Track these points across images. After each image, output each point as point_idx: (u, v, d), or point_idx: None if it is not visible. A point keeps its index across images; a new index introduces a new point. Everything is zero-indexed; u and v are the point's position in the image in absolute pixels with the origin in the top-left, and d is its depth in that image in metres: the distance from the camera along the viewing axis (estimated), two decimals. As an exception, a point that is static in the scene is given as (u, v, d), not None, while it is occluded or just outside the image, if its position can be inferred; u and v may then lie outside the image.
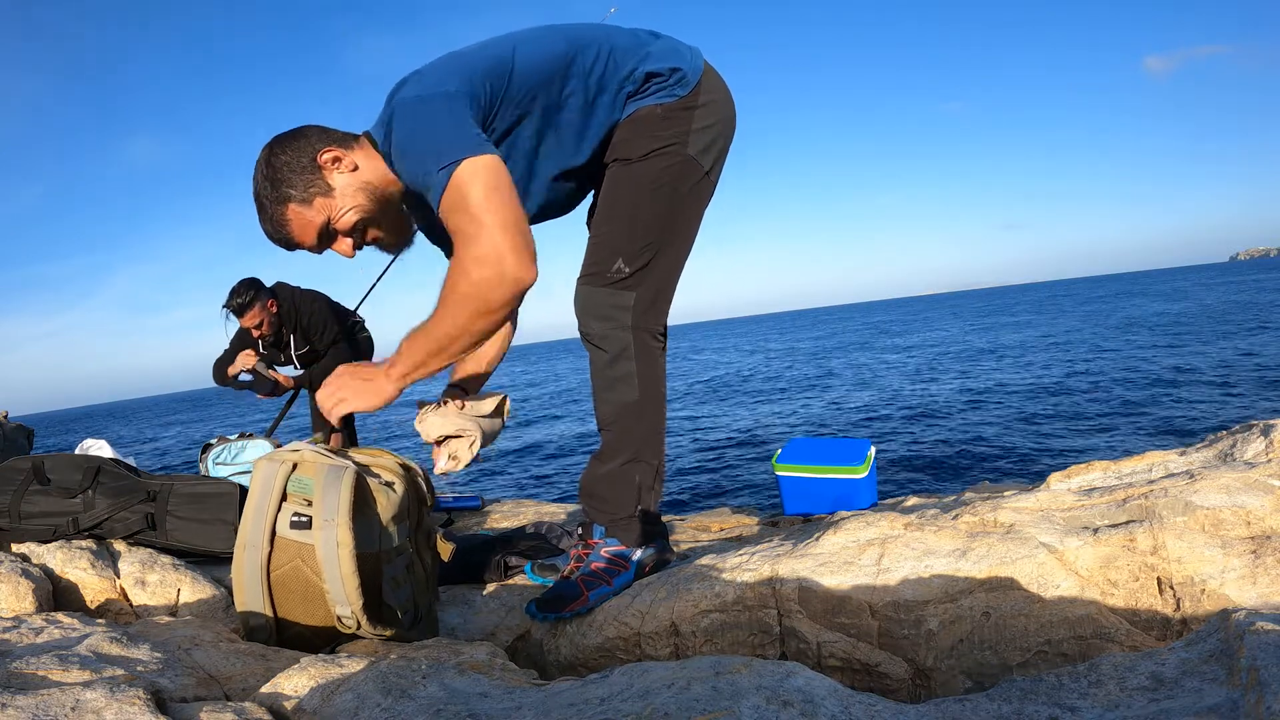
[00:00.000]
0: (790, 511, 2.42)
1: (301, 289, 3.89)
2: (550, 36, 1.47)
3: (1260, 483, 1.20)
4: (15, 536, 1.71)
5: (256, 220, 1.49)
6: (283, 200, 1.41)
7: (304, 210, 1.43)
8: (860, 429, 11.51)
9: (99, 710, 0.80)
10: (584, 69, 1.46)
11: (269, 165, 1.42)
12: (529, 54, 1.43)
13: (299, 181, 1.41)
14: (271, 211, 1.43)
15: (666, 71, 1.49)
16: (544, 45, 1.45)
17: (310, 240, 1.46)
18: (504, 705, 0.86)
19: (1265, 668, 0.65)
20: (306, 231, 1.44)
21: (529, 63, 1.42)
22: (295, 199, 1.42)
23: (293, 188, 1.41)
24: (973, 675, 1.12)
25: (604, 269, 1.50)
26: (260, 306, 3.69)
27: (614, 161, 1.52)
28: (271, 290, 3.77)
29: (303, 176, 1.41)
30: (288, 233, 1.44)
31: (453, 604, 1.74)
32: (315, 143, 1.43)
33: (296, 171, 1.41)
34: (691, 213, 1.56)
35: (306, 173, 1.42)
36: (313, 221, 1.44)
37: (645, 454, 1.57)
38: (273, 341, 3.87)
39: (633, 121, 1.50)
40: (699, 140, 1.52)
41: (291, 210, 1.42)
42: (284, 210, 1.42)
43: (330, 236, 1.46)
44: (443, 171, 1.26)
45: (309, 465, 1.30)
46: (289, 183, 1.41)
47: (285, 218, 1.43)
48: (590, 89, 1.46)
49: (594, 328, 1.53)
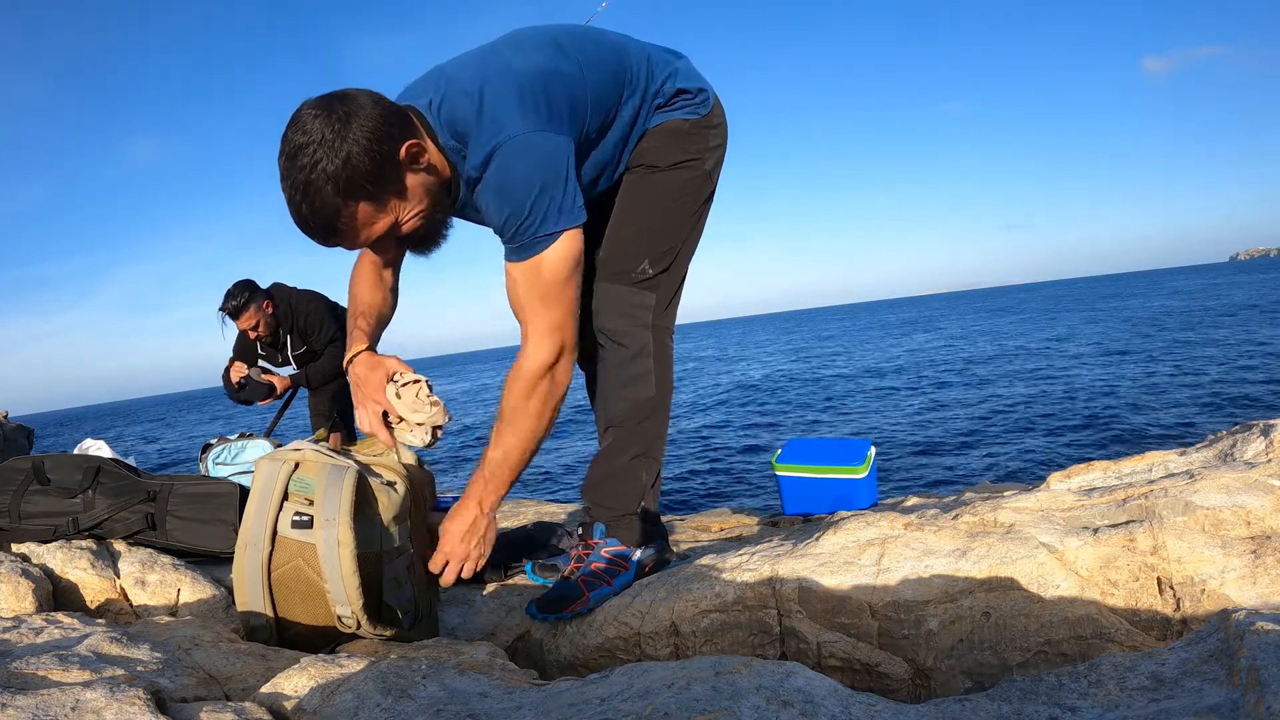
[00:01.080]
0: (790, 511, 2.42)
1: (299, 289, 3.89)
2: (603, 52, 1.45)
3: (1260, 483, 1.20)
4: (15, 536, 1.71)
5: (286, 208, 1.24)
6: (354, 195, 1.22)
7: (375, 211, 1.26)
8: (861, 429, 11.51)
9: (99, 710, 0.80)
10: (633, 84, 1.48)
11: (344, 144, 1.18)
12: (598, 82, 1.40)
13: (380, 177, 1.23)
14: (334, 203, 1.21)
15: (694, 90, 1.55)
16: (605, 67, 1.43)
17: (365, 241, 1.31)
18: (504, 705, 0.86)
19: (1265, 668, 0.65)
20: (367, 232, 1.28)
21: (599, 91, 1.41)
22: (370, 196, 1.23)
23: (371, 182, 1.22)
24: (973, 675, 1.12)
25: (630, 269, 1.53)
26: (255, 308, 3.69)
27: (639, 167, 1.55)
28: (268, 291, 3.77)
29: (384, 170, 1.23)
30: (343, 229, 1.25)
31: (453, 604, 1.74)
32: (396, 128, 1.24)
33: (379, 164, 1.22)
34: (701, 224, 1.64)
35: (388, 166, 1.23)
36: (379, 224, 1.28)
37: (653, 451, 1.60)
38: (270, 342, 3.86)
39: (661, 132, 1.54)
40: (711, 158, 1.60)
41: (362, 209, 1.24)
42: (354, 207, 1.23)
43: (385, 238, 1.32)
44: (542, 240, 1.30)
45: (311, 465, 1.30)
46: (370, 176, 1.21)
47: (350, 214, 1.23)
48: (635, 101, 1.49)
49: (616, 324, 1.55)
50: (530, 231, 1.30)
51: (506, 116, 1.28)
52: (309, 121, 1.20)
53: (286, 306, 3.80)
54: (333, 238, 1.27)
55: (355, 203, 1.23)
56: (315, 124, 1.19)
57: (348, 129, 1.19)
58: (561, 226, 1.31)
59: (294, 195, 1.21)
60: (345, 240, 1.29)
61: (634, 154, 1.56)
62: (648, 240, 1.54)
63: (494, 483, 1.41)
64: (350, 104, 1.22)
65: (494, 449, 1.41)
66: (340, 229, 1.25)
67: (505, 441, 1.40)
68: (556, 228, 1.31)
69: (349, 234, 1.27)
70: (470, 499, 1.42)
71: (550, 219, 1.30)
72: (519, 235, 1.31)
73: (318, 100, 1.23)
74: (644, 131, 1.55)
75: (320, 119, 1.19)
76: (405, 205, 1.30)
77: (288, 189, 1.22)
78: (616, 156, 1.53)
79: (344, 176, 1.19)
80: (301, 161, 1.19)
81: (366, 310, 1.57)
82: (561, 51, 1.39)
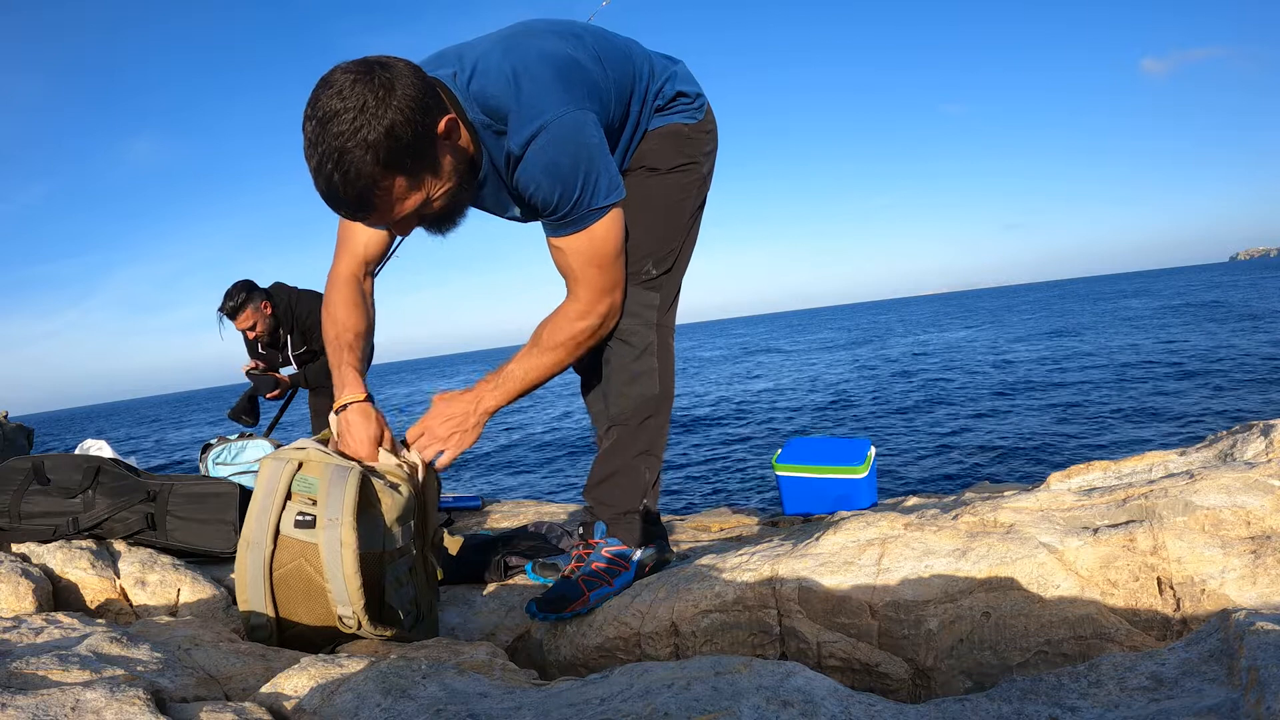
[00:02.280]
0: (790, 511, 2.42)
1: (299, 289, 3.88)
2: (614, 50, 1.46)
3: (1260, 483, 1.20)
4: (15, 536, 1.71)
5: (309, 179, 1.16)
6: (393, 168, 1.16)
7: (409, 184, 1.21)
8: (860, 429, 11.51)
9: (99, 710, 0.80)
10: (639, 83, 1.50)
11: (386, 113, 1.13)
12: (616, 75, 1.43)
13: (421, 151, 1.19)
14: (372, 173, 1.15)
15: (692, 95, 1.58)
16: (618, 62, 1.45)
17: (395, 217, 1.25)
18: (504, 705, 0.86)
19: (1265, 668, 0.65)
20: (398, 208, 1.23)
21: (618, 84, 1.43)
22: (407, 171, 1.19)
23: (411, 156, 1.17)
24: (973, 675, 1.12)
25: (636, 269, 1.55)
26: (253, 309, 3.69)
27: (640, 169, 1.57)
28: (266, 292, 3.77)
29: (423, 144, 1.19)
30: (378, 204, 1.20)
31: (453, 604, 1.74)
32: (435, 101, 1.20)
33: (420, 137, 1.17)
34: (697, 226, 1.66)
35: (427, 142, 1.19)
36: (412, 201, 1.24)
37: (655, 448, 1.61)
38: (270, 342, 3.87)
39: (662, 134, 1.56)
40: (706, 163, 1.63)
41: (399, 183, 1.19)
42: (390, 181, 1.18)
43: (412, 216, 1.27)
44: (593, 214, 1.36)
45: (314, 464, 1.30)
46: (410, 149, 1.17)
47: (388, 188, 1.18)
48: (640, 101, 1.51)
49: (623, 323, 1.56)
50: (584, 206, 1.35)
51: (548, 97, 1.27)
52: (346, 86, 1.12)
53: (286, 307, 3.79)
54: (363, 211, 1.21)
55: (394, 175, 1.17)
56: (355, 89, 1.12)
57: (391, 96, 1.13)
58: (612, 200, 1.37)
59: (324, 164, 1.14)
60: (377, 214, 1.23)
61: (635, 155, 1.57)
62: (652, 241, 1.56)
63: (501, 390, 1.46)
64: (392, 71, 1.16)
65: (516, 365, 1.46)
66: (375, 202, 1.19)
67: (530, 363, 1.45)
68: (607, 201, 1.36)
69: (383, 208, 1.21)
70: (472, 393, 1.45)
71: (601, 194, 1.35)
72: (574, 211, 1.35)
73: (354, 64, 1.16)
74: (645, 133, 1.56)
75: (361, 84, 1.13)
76: (437, 182, 1.26)
77: (317, 156, 1.14)
78: (622, 155, 1.54)
79: (385, 146, 1.13)
80: (338, 128, 1.11)
81: (352, 340, 1.49)
82: (580, 42, 1.41)
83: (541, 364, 1.46)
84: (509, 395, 1.46)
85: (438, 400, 1.48)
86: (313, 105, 1.14)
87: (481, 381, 1.47)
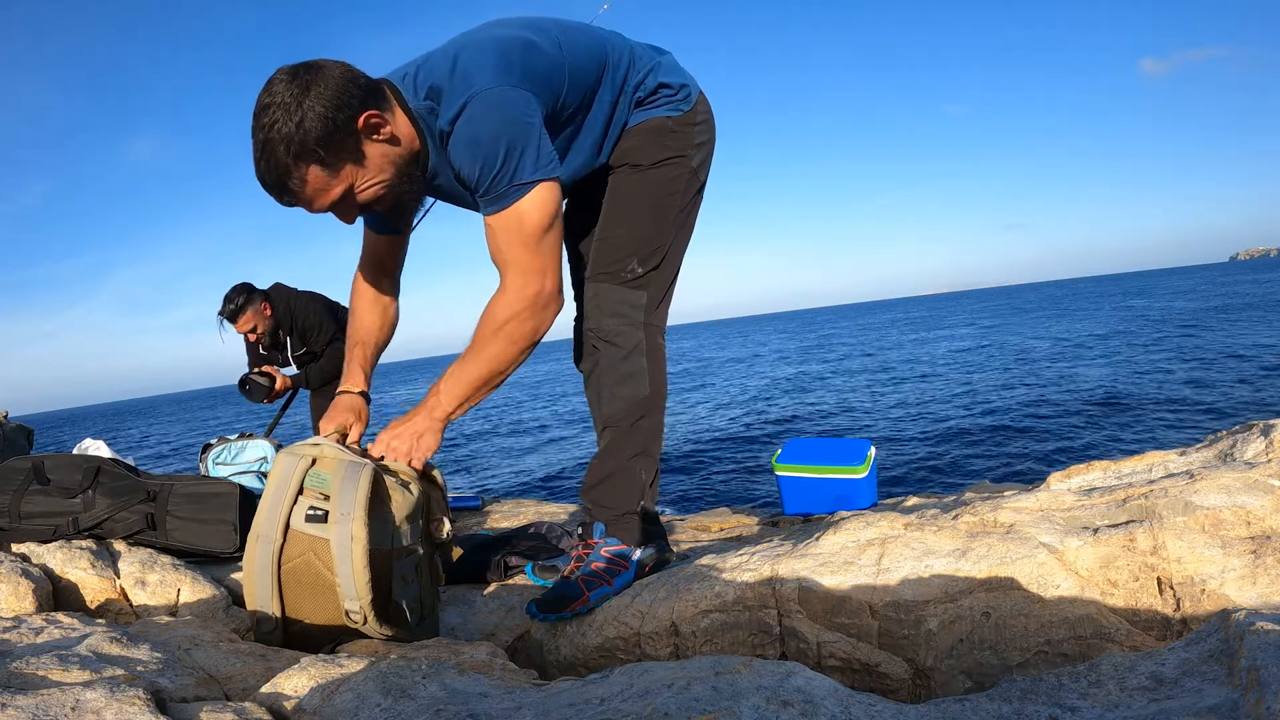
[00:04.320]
0: (790, 511, 2.42)
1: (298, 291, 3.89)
2: (583, 37, 1.47)
3: (1260, 483, 1.20)
4: (15, 536, 1.71)
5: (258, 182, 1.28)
6: (307, 158, 1.25)
7: (327, 175, 1.28)
8: (861, 429, 11.51)
9: (99, 710, 0.80)
10: (613, 72, 1.48)
11: (299, 109, 1.22)
12: (575, 60, 1.42)
13: (333, 143, 1.25)
14: (285, 163, 1.24)
15: (676, 86, 1.55)
16: (584, 48, 1.45)
17: (320, 206, 1.32)
18: (504, 705, 0.86)
19: (1265, 668, 0.65)
20: (320, 197, 1.30)
21: (576, 68, 1.42)
22: (322, 161, 1.26)
23: (324, 148, 1.25)
24: (973, 675, 1.12)
25: (620, 269, 1.54)
26: (253, 311, 3.69)
27: (624, 165, 1.56)
28: (265, 293, 3.77)
29: (338, 137, 1.25)
30: (296, 190, 1.28)
31: (453, 604, 1.74)
32: (357, 98, 1.27)
33: (333, 130, 1.24)
34: (691, 221, 1.64)
35: (343, 134, 1.26)
36: (332, 189, 1.30)
37: (651, 449, 1.61)
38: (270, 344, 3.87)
39: (644, 129, 1.54)
40: (697, 155, 1.60)
41: (313, 172, 1.26)
42: (304, 169, 1.26)
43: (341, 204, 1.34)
44: (517, 189, 1.32)
45: (328, 460, 1.32)
46: (321, 141, 1.24)
47: (302, 177, 1.26)
48: (614, 91, 1.50)
49: (608, 324, 1.56)
50: (505, 180, 1.32)
51: (479, 72, 1.31)
52: (276, 85, 1.25)
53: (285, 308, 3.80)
54: (286, 196, 1.30)
55: (306, 165, 1.26)
56: (279, 87, 1.24)
57: (306, 94, 1.23)
58: (538, 177, 1.33)
59: (255, 152, 1.26)
60: (300, 202, 1.31)
61: (617, 153, 1.56)
62: (636, 239, 1.55)
63: (448, 395, 1.44)
64: (315, 72, 1.26)
65: (456, 367, 1.44)
66: (292, 189, 1.28)
67: (468, 364, 1.42)
68: (533, 177, 1.32)
69: (302, 196, 1.30)
70: (421, 405, 1.45)
71: (525, 169, 1.32)
72: (495, 185, 1.33)
73: (290, 67, 1.28)
74: (626, 128, 1.54)
75: (284, 83, 1.24)
76: (362, 173, 1.31)
77: (252, 146, 1.27)
78: (598, 146, 1.53)
79: (296, 139, 1.23)
80: (263, 121, 1.23)
81: (365, 337, 1.66)
82: (542, 30, 1.41)
83: (479, 361, 1.41)
84: (459, 398, 1.43)
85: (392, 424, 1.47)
86: (256, 101, 1.27)
87: (429, 393, 1.45)
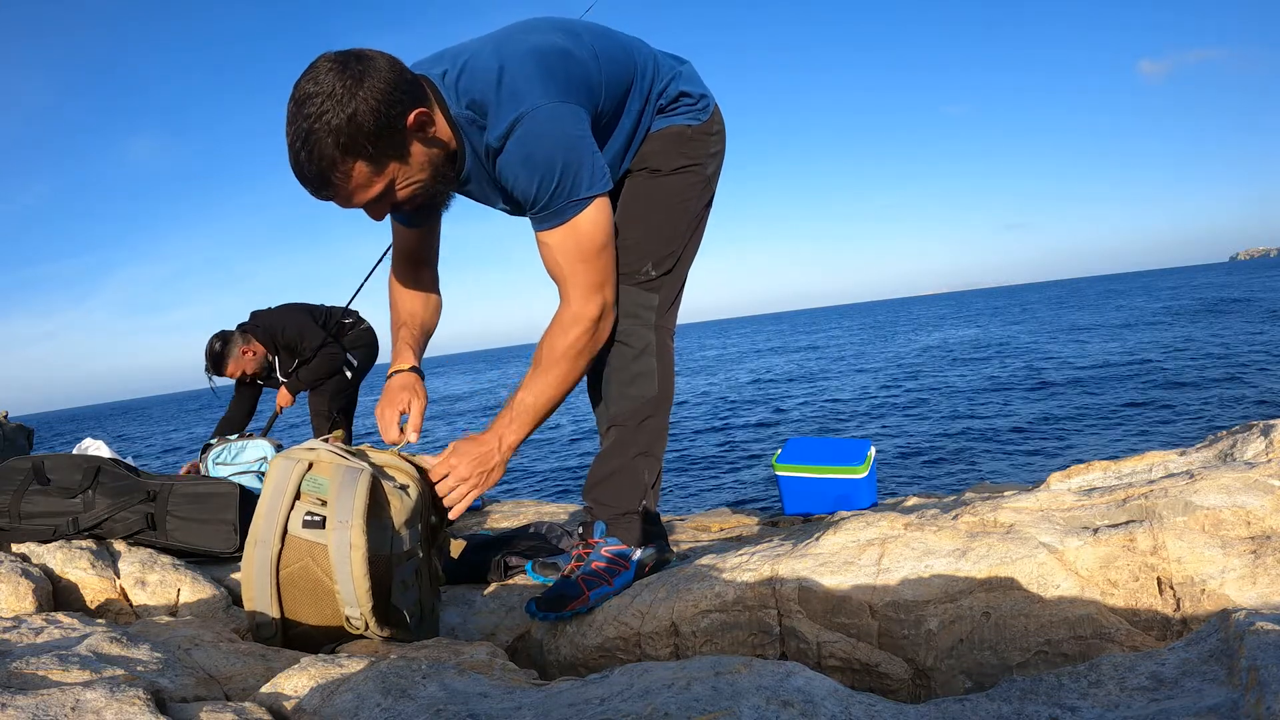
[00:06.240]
0: (790, 511, 2.42)
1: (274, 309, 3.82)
2: (614, 44, 1.47)
3: (1260, 483, 1.20)
4: (15, 536, 1.71)
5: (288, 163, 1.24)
6: (355, 152, 1.22)
7: (371, 171, 1.25)
8: (861, 429, 11.51)
9: (99, 710, 0.80)
10: (640, 81, 1.49)
11: (352, 100, 1.19)
12: (610, 69, 1.42)
13: (383, 139, 1.23)
14: (331, 155, 1.21)
15: (696, 95, 1.57)
16: (616, 57, 1.45)
17: (359, 201, 1.30)
18: (504, 705, 0.86)
19: (1265, 668, 0.65)
20: (360, 193, 1.28)
21: (610, 77, 1.42)
22: (370, 156, 1.23)
23: (373, 143, 1.22)
24: (973, 675, 1.12)
25: (634, 270, 1.55)
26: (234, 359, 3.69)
27: (642, 170, 1.57)
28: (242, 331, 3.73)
29: (387, 133, 1.23)
30: (338, 185, 1.26)
31: (453, 604, 1.74)
32: (409, 94, 1.25)
33: (384, 125, 1.22)
34: (701, 229, 1.66)
35: (392, 130, 1.23)
36: (375, 185, 1.28)
37: (655, 449, 1.61)
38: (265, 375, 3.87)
39: (665, 135, 1.55)
40: (711, 165, 1.62)
41: (359, 168, 1.24)
42: (351, 164, 1.23)
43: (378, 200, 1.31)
44: (574, 205, 1.33)
45: (325, 465, 1.31)
46: (372, 136, 1.21)
47: (347, 171, 1.24)
48: (642, 100, 1.51)
49: (620, 324, 1.56)
50: (564, 197, 1.33)
51: (528, 88, 1.29)
52: (323, 73, 1.20)
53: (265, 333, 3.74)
54: (325, 190, 1.27)
55: (353, 160, 1.23)
56: (328, 76, 1.20)
57: (359, 86, 1.19)
58: (595, 191, 1.35)
59: (295, 142, 1.22)
60: (338, 196, 1.29)
61: (637, 157, 1.57)
62: (651, 242, 1.56)
63: (518, 423, 1.45)
64: (366, 63, 1.22)
65: (525, 392, 1.44)
66: (334, 183, 1.25)
67: (537, 388, 1.44)
68: (590, 192, 1.34)
69: (342, 190, 1.27)
70: (492, 432, 1.45)
71: (583, 184, 1.33)
72: (552, 202, 1.34)
73: (336, 54, 1.24)
74: (647, 134, 1.56)
75: (334, 72, 1.20)
76: (405, 171, 1.30)
77: (290, 135, 1.22)
78: (622, 154, 1.54)
79: (346, 132, 1.20)
80: (308, 110, 1.19)
81: (408, 319, 1.66)
82: (577, 37, 1.41)
83: (548, 384, 1.43)
84: (527, 425, 1.45)
85: (459, 443, 1.46)
86: (295, 87, 1.23)
87: (498, 418, 1.45)
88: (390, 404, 1.54)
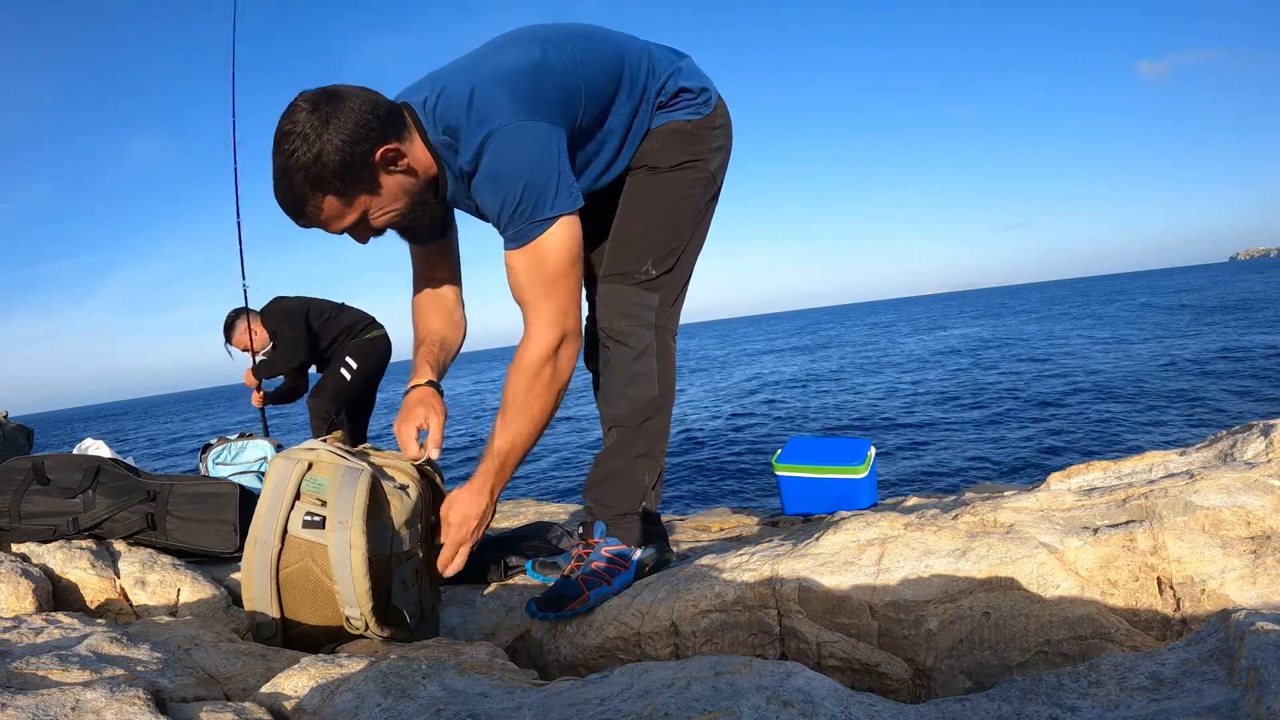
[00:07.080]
0: (790, 511, 2.42)
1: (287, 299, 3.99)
2: (600, 46, 1.46)
3: (1260, 483, 1.20)
4: (15, 536, 1.71)
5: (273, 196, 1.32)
6: (322, 187, 1.28)
7: (341, 204, 1.32)
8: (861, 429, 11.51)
9: (99, 710, 0.80)
10: (631, 79, 1.49)
11: (318, 140, 1.25)
12: (591, 75, 1.42)
13: (349, 175, 1.28)
14: (302, 190, 1.29)
15: (696, 90, 1.56)
16: (600, 61, 1.44)
17: (335, 230, 1.36)
18: (504, 705, 0.86)
19: (1265, 668, 0.65)
20: (334, 223, 1.35)
21: (592, 83, 1.42)
22: (337, 191, 1.29)
23: (340, 179, 1.28)
24: (973, 675, 1.12)
25: (634, 269, 1.55)
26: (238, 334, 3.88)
27: (642, 168, 1.57)
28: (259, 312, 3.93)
29: (354, 170, 1.28)
30: (311, 216, 1.33)
31: (453, 604, 1.74)
32: (376, 131, 1.29)
33: (350, 163, 1.27)
34: (705, 225, 1.65)
35: (359, 166, 1.29)
36: (347, 216, 1.34)
37: (655, 450, 1.61)
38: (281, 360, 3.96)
39: (664, 132, 1.55)
40: (715, 159, 1.60)
41: (329, 201, 1.31)
42: (320, 198, 1.30)
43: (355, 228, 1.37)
44: (539, 224, 1.33)
45: (325, 465, 1.31)
46: (338, 173, 1.27)
47: (318, 205, 1.31)
48: (634, 101, 1.50)
49: (619, 325, 1.56)
50: (526, 216, 1.33)
51: (495, 109, 1.31)
52: (298, 112, 1.27)
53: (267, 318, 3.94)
54: (302, 219, 1.34)
55: (322, 195, 1.30)
56: (301, 115, 1.26)
57: (325, 128, 1.25)
58: (558, 211, 1.34)
59: (274, 176, 1.30)
60: (315, 225, 1.36)
61: (636, 155, 1.57)
62: (650, 241, 1.55)
63: (499, 473, 1.45)
64: (336, 103, 1.28)
65: (499, 439, 1.44)
66: (309, 215, 1.33)
67: (510, 431, 1.43)
68: (553, 212, 1.33)
69: (316, 221, 1.34)
70: (479, 491, 1.45)
71: (545, 204, 1.32)
72: (515, 221, 1.33)
73: (312, 93, 1.30)
74: (646, 131, 1.55)
75: (305, 111, 1.27)
76: (376, 201, 1.35)
77: (272, 170, 1.30)
78: (616, 153, 1.53)
79: (313, 171, 1.26)
80: (284, 147, 1.26)
81: (427, 336, 1.68)
82: (553, 46, 1.40)
83: (520, 428, 1.43)
84: (510, 468, 1.46)
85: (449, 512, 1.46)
86: (277, 124, 1.30)
87: (480, 469, 1.46)
88: (407, 420, 1.54)
